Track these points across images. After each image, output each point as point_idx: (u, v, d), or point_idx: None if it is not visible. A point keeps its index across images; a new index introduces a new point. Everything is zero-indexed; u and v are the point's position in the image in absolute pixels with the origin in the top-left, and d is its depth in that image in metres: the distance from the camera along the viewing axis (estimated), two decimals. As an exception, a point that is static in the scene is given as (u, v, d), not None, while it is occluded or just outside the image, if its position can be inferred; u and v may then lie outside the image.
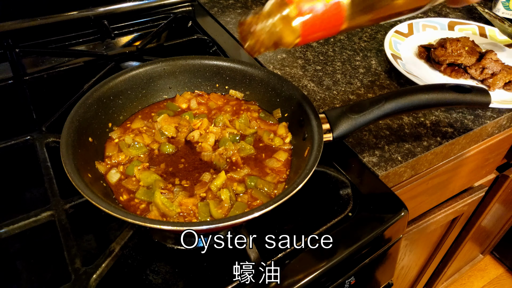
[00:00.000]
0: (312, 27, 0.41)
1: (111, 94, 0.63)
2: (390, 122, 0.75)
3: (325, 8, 0.40)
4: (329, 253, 0.53)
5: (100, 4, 0.94)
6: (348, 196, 0.60)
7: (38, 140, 0.62)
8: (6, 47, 0.83)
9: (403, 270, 1.20)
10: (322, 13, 0.40)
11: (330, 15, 0.41)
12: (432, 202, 0.98)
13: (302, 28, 0.41)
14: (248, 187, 0.56)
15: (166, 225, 0.44)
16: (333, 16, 0.41)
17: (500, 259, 1.91)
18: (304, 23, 0.41)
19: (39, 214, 0.52)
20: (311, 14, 0.40)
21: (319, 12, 0.40)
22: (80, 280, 0.45)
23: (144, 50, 0.87)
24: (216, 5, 1.09)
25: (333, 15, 0.41)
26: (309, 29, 0.41)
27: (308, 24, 0.41)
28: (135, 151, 0.59)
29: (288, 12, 0.40)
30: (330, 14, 0.41)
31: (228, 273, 0.50)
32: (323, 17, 0.41)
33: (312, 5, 0.40)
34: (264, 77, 0.68)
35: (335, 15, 0.41)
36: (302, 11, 0.40)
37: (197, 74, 0.70)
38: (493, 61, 0.84)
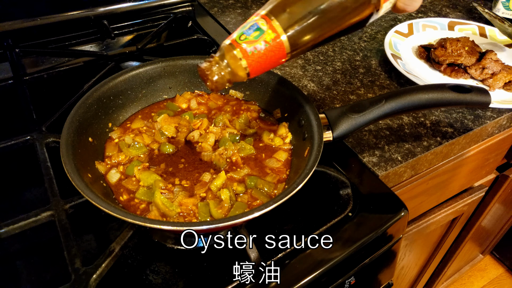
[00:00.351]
0: (258, 63, 0.47)
1: (111, 94, 0.63)
2: (390, 122, 0.75)
3: (267, 47, 0.46)
4: (329, 253, 0.53)
5: (100, 4, 0.94)
6: (348, 196, 0.60)
7: (38, 140, 0.62)
8: (6, 47, 0.83)
9: (403, 270, 1.20)
10: (265, 50, 0.46)
11: (272, 50, 0.46)
12: (432, 202, 0.98)
13: (249, 65, 0.47)
14: (248, 187, 0.56)
15: (166, 225, 0.44)
16: (275, 51, 0.46)
17: (500, 259, 1.91)
18: (250, 62, 0.46)
19: (39, 214, 0.52)
20: (255, 53, 0.46)
21: (262, 50, 0.46)
22: (80, 280, 0.45)
23: (144, 50, 0.87)
24: (216, 5, 1.09)
25: (275, 50, 0.46)
26: (256, 65, 0.47)
27: (254, 61, 0.46)
28: (135, 151, 0.59)
29: (235, 54, 0.46)
30: (272, 50, 0.46)
31: (228, 273, 0.50)
32: (266, 53, 0.46)
33: (254, 46, 0.45)
34: (264, 77, 0.68)
35: (277, 49, 0.46)
36: (247, 52, 0.46)
37: (197, 74, 0.69)
38: (493, 61, 0.84)
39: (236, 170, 0.58)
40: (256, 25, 0.45)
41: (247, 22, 0.47)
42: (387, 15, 1.11)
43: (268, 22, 0.45)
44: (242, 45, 0.46)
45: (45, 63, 0.87)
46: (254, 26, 0.45)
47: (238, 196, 0.55)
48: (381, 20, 1.09)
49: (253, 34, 0.45)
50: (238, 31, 0.47)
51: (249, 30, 0.46)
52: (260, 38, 0.45)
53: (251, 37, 0.45)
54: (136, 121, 0.65)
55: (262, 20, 0.46)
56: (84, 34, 0.93)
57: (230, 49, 0.47)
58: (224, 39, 0.49)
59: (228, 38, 0.48)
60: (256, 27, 0.45)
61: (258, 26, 0.45)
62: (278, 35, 0.45)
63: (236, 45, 0.46)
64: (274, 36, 0.45)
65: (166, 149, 0.61)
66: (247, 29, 0.46)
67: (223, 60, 0.47)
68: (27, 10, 0.87)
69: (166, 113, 0.66)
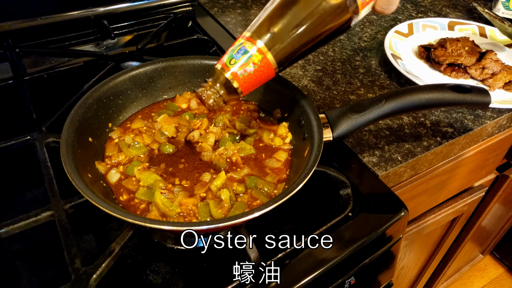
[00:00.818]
0: (249, 83, 0.50)
1: (111, 94, 0.63)
2: (390, 122, 0.75)
3: (255, 68, 0.49)
4: (329, 253, 0.53)
5: (100, 4, 0.94)
6: (348, 196, 0.60)
7: (38, 140, 0.62)
8: (6, 47, 0.83)
9: (403, 270, 1.20)
10: (254, 71, 0.49)
11: (261, 70, 0.50)
12: (432, 202, 0.98)
13: (241, 86, 0.50)
14: (248, 187, 0.56)
15: (166, 225, 0.44)
16: (264, 70, 0.50)
17: (500, 259, 1.91)
18: (241, 83, 0.50)
19: (39, 214, 0.52)
20: (245, 75, 0.49)
21: (252, 72, 0.49)
22: (80, 280, 0.45)
23: (144, 50, 0.87)
24: (216, 5, 1.09)
25: (264, 70, 0.50)
26: (247, 85, 0.51)
27: (245, 82, 0.50)
28: (135, 151, 0.59)
29: (227, 77, 0.50)
30: (261, 70, 0.49)
31: (228, 273, 0.50)
32: (256, 74, 0.50)
33: (244, 69, 0.49)
34: (264, 77, 0.68)
35: (265, 68, 0.50)
36: (237, 75, 0.50)
37: (197, 74, 0.70)
38: (493, 61, 0.84)
39: (236, 170, 0.58)
40: (244, 48, 0.49)
41: (235, 45, 0.50)
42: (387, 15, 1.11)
43: (254, 44, 0.48)
44: (232, 69, 0.49)
45: (45, 63, 0.87)
46: (242, 50, 0.49)
47: (238, 196, 0.55)
48: (381, 20, 1.09)
49: (241, 57, 0.49)
50: (228, 54, 0.50)
51: (237, 54, 0.49)
52: (248, 60, 0.49)
53: (240, 60, 0.49)
54: (136, 121, 0.65)
55: (248, 42, 0.49)
56: (84, 34, 0.93)
57: (222, 73, 0.50)
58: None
59: (219, 62, 0.51)
60: (244, 50, 0.49)
61: (246, 49, 0.49)
62: (265, 56, 0.49)
63: (227, 69, 0.50)
64: (261, 58, 0.49)
65: (166, 149, 0.61)
66: (236, 53, 0.49)
67: (216, 84, 0.51)
68: (27, 10, 0.87)
69: (166, 113, 0.66)
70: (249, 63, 0.49)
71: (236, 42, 0.50)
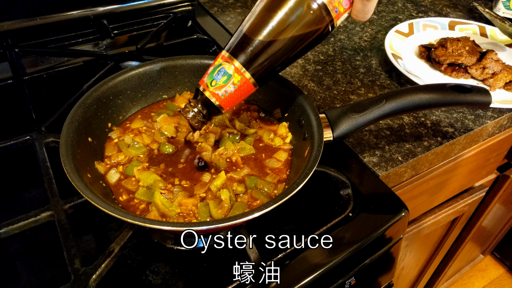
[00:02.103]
0: (230, 101, 0.52)
1: (111, 94, 0.63)
2: (391, 122, 0.75)
3: (236, 88, 0.51)
4: (329, 254, 0.53)
5: (100, 4, 0.94)
6: (348, 196, 0.59)
7: (37, 140, 0.62)
8: (5, 47, 0.83)
9: (403, 271, 1.20)
10: (235, 91, 0.51)
11: (241, 89, 0.51)
12: (433, 202, 0.98)
13: (223, 105, 0.53)
14: (248, 187, 0.56)
15: (165, 226, 0.44)
16: (244, 88, 0.51)
17: (501, 259, 1.91)
18: (224, 103, 0.52)
19: (38, 214, 0.52)
20: (226, 95, 0.51)
21: (232, 92, 0.51)
22: (80, 280, 0.45)
23: (143, 50, 0.87)
24: (216, 5, 1.09)
25: (244, 88, 0.51)
26: (229, 103, 0.53)
27: (226, 101, 0.52)
28: (135, 151, 0.59)
29: (208, 97, 0.52)
30: (241, 88, 0.51)
31: (228, 273, 0.50)
32: (236, 93, 0.52)
33: (224, 89, 0.51)
34: (264, 77, 0.67)
35: (245, 87, 0.51)
36: (219, 96, 0.52)
37: (197, 74, 0.70)
38: (493, 61, 0.84)
39: (236, 170, 0.58)
40: (223, 69, 0.50)
41: (215, 66, 0.52)
42: (387, 14, 1.11)
43: (232, 64, 0.50)
44: (214, 91, 0.51)
45: (45, 63, 0.86)
46: (221, 71, 0.51)
47: (238, 196, 0.55)
48: (382, 19, 1.09)
49: (222, 79, 0.51)
50: (208, 76, 0.52)
51: (217, 76, 0.51)
52: (228, 81, 0.51)
53: (221, 82, 0.51)
54: (135, 121, 0.65)
55: (227, 63, 0.50)
56: (84, 34, 0.93)
57: (204, 94, 0.52)
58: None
59: (200, 82, 0.53)
60: (224, 72, 0.50)
61: (225, 70, 0.50)
62: (243, 76, 0.50)
63: (208, 90, 0.52)
64: (240, 78, 0.50)
65: (165, 149, 0.60)
66: (216, 74, 0.51)
67: (198, 104, 0.54)
68: (26, 10, 0.87)
69: (166, 113, 0.65)
70: (229, 84, 0.51)
71: (215, 61, 0.52)
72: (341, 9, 0.48)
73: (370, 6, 0.48)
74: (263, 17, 0.49)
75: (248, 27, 0.50)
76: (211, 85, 0.51)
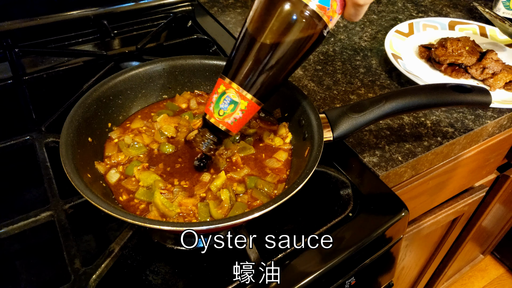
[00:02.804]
0: (239, 125, 0.53)
1: (111, 94, 0.63)
2: (391, 122, 0.75)
3: (244, 113, 0.51)
4: (329, 254, 0.53)
5: (100, 4, 0.94)
6: (348, 196, 0.59)
7: (37, 140, 0.62)
8: (5, 47, 0.83)
9: (403, 271, 1.20)
10: (243, 115, 0.52)
11: (248, 113, 0.52)
12: (433, 202, 0.98)
13: (232, 130, 0.53)
14: (248, 187, 0.56)
15: (165, 226, 0.44)
16: (251, 110, 0.52)
17: (501, 260, 1.90)
18: (232, 128, 0.53)
19: (38, 214, 0.52)
20: (235, 122, 0.52)
21: (241, 117, 0.52)
22: (80, 280, 0.45)
23: (143, 50, 0.87)
24: (216, 5, 1.09)
25: (251, 110, 0.52)
26: (238, 127, 0.53)
27: (235, 126, 0.53)
28: (135, 151, 0.59)
29: (220, 128, 0.53)
30: (248, 112, 0.52)
31: (228, 273, 0.50)
32: (244, 117, 0.52)
33: (233, 117, 0.52)
34: (264, 77, 0.67)
35: (252, 109, 0.52)
36: (229, 124, 0.52)
37: (197, 74, 0.70)
38: (493, 61, 0.84)
39: (236, 170, 0.58)
40: (229, 97, 0.51)
41: (219, 94, 0.51)
42: (387, 14, 1.11)
43: (237, 92, 0.50)
44: (224, 120, 0.52)
45: (45, 63, 0.86)
46: (227, 100, 0.51)
47: (238, 196, 0.55)
48: (382, 19, 1.09)
49: (229, 107, 0.51)
50: (215, 105, 0.52)
51: (224, 105, 0.51)
52: (236, 109, 0.51)
53: (228, 110, 0.51)
54: (135, 121, 0.65)
55: (231, 91, 0.50)
56: (84, 34, 0.93)
57: (215, 125, 0.53)
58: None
59: (207, 111, 0.53)
60: (230, 100, 0.51)
61: (231, 99, 0.51)
62: (250, 101, 0.51)
63: (219, 121, 0.52)
64: (247, 104, 0.51)
65: (165, 149, 0.60)
66: (222, 104, 0.51)
67: (208, 133, 0.54)
68: (26, 9, 0.87)
69: (166, 113, 0.65)
70: (237, 111, 0.51)
71: (218, 89, 0.52)
72: (334, 15, 0.48)
73: (362, 10, 0.48)
74: (254, 36, 0.48)
75: (241, 49, 0.50)
76: (220, 114, 0.52)
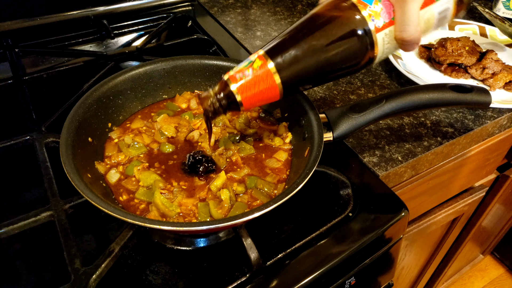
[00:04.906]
0: (252, 100, 0.50)
1: (111, 94, 0.63)
2: (391, 122, 0.75)
3: (254, 72, 0.49)
4: (329, 253, 0.53)
5: (100, 4, 0.94)
6: (348, 196, 0.60)
7: (37, 140, 0.62)
8: (5, 47, 0.83)
9: (403, 271, 1.20)
10: (253, 76, 0.49)
11: (266, 90, 0.49)
12: (433, 202, 0.98)
13: (243, 101, 0.50)
14: (248, 187, 0.56)
15: (165, 225, 0.44)
16: (269, 90, 0.50)
17: (501, 259, 1.91)
18: (244, 99, 0.50)
19: (38, 214, 0.52)
20: (243, 79, 0.49)
21: (250, 76, 0.49)
22: (80, 280, 0.45)
23: (144, 50, 0.87)
24: (216, 5, 1.09)
25: (269, 89, 0.49)
26: (250, 102, 0.50)
27: (248, 98, 0.50)
28: (135, 151, 0.59)
29: (232, 90, 0.50)
30: (267, 90, 0.49)
31: (228, 273, 0.50)
32: (254, 79, 0.49)
33: (243, 72, 0.50)
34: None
35: (271, 89, 0.49)
36: (236, 78, 0.50)
37: (197, 74, 0.70)
38: (493, 61, 0.84)
39: (236, 170, 0.58)
40: (254, 65, 0.50)
41: (246, 61, 0.51)
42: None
43: (265, 63, 0.49)
44: (239, 83, 0.50)
45: (45, 63, 0.87)
46: (251, 67, 0.50)
47: (238, 196, 0.55)
48: (382, 20, 1.09)
49: (249, 74, 0.50)
50: (237, 68, 0.51)
51: (247, 70, 0.50)
52: (248, 66, 0.50)
53: (242, 66, 0.50)
54: (135, 121, 0.65)
55: (260, 61, 0.49)
56: (84, 34, 0.93)
57: (228, 85, 0.51)
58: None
59: (227, 73, 0.52)
60: (253, 68, 0.49)
61: (255, 67, 0.49)
62: (272, 77, 0.49)
63: (234, 82, 0.50)
64: (261, 63, 0.49)
65: (165, 149, 0.60)
66: (245, 68, 0.50)
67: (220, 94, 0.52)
68: (27, 10, 0.87)
69: (166, 113, 0.65)
70: (249, 68, 0.49)
71: (249, 57, 0.51)
72: None
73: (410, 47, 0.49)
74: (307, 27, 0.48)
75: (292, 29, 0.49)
76: (238, 78, 0.50)
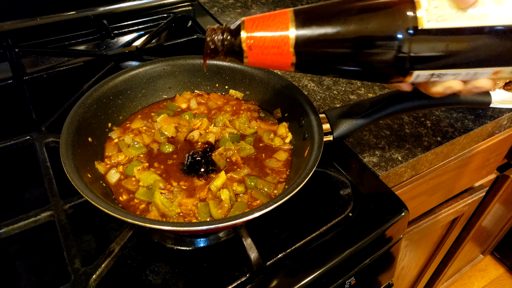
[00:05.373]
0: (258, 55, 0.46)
1: (111, 94, 0.63)
2: (391, 122, 0.75)
3: (273, 48, 0.44)
4: (329, 253, 0.53)
5: (100, 4, 0.94)
6: (348, 196, 0.60)
7: (37, 140, 0.62)
8: (5, 47, 0.83)
9: (403, 270, 1.20)
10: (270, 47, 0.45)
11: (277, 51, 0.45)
12: (433, 202, 0.98)
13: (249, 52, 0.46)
14: (248, 187, 0.56)
15: (165, 225, 0.44)
16: (280, 52, 0.45)
17: (501, 259, 1.91)
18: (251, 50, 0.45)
19: (38, 214, 0.52)
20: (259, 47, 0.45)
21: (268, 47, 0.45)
22: (80, 280, 0.45)
23: (144, 50, 0.87)
24: (216, 5, 1.09)
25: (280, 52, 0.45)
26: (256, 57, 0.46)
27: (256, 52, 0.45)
28: (135, 151, 0.59)
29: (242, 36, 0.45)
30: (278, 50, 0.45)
31: (228, 273, 0.50)
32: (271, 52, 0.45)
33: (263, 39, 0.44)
34: (264, 77, 0.67)
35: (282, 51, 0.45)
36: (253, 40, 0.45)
37: (197, 74, 0.70)
38: (493, 61, 0.84)
39: (236, 170, 0.58)
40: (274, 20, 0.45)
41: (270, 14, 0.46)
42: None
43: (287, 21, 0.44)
44: (252, 32, 0.45)
45: (45, 63, 0.87)
46: (271, 21, 0.45)
47: (238, 196, 0.55)
48: (381, 20, 1.09)
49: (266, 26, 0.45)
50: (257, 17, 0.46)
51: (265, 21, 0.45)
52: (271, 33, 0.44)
53: (264, 28, 0.45)
54: (135, 121, 0.65)
55: (282, 17, 0.45)
56: (84, 34, 0.93)
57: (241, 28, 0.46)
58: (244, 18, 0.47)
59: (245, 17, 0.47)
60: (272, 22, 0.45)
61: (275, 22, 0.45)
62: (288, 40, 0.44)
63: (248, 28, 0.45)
64: (285, 37, 0.44)
65: (165, 149, 0.60)
66: (265, 19, 0.45)
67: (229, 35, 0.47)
68: (27, 10, 0.87)
69: (166, 113, 0.65)
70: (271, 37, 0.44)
71: (274, 12, 0.46)
72: None
73: None
74: None
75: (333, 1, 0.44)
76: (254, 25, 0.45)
